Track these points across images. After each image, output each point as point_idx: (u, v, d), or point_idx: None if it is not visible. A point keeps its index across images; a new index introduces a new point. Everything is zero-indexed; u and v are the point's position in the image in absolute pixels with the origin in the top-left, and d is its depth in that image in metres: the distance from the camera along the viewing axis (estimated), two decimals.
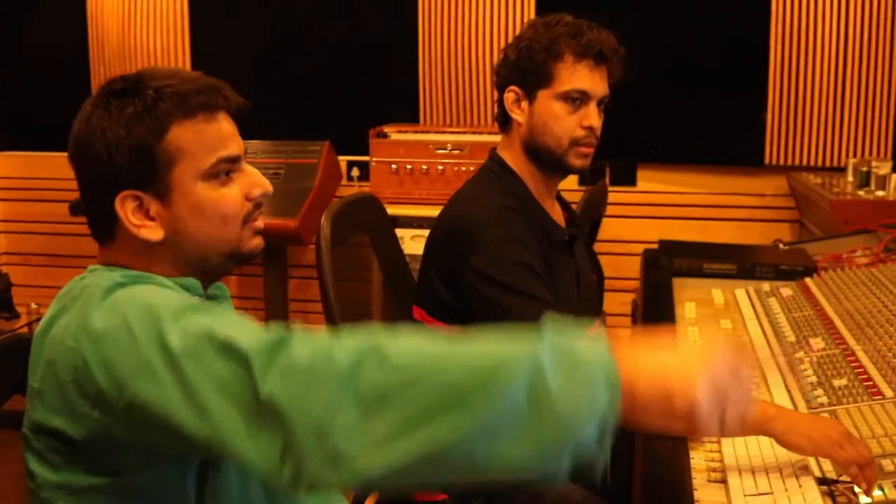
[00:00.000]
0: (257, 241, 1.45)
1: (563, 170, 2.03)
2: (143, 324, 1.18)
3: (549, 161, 2.01)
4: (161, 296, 1.26)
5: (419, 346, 1.07)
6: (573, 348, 1.05)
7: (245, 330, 1.13)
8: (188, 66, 4.82)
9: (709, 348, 1.09)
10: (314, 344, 1.08)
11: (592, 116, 2.00)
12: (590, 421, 1.02)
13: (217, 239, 1.40)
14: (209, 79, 1.41)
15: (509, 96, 2.03)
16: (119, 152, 1.34)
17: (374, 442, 1.02)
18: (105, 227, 1.40)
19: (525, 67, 1.99)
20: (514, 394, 1.01)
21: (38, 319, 4.58)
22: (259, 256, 1.48)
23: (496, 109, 2.10)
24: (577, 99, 1.98)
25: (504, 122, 2.06)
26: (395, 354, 1.05)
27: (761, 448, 1.64)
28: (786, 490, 1.50)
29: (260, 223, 1.45)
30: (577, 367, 1.03)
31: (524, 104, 2.01)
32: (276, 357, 1.07)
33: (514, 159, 2.05)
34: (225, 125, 1.40)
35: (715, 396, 1.05)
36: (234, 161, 1.40)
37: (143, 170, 1.35)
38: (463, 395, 1.01)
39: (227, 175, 1.39)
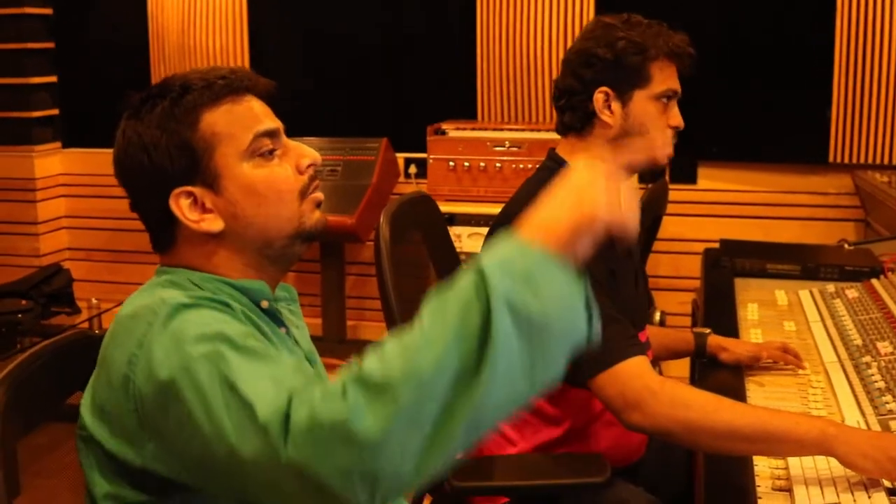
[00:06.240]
0: (319, 216, 1.42)
1: (652, 168, 2.04)
2: (204, 371, 1.17)
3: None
4: (220, 327, 1.23)
5: (394, 354, 1.05)
6: (514, 267, 1.04)
7: (268, 390, 1.12)
8: (246, 65, 4.85)
9: (573, 176, 1.12)
10: (312, 402, 1.06)
11: (679, 116, 2.01)
12: (573, 311, 1.05)
13: (277, 217, 1.38)
14: (231, 66, 1.43)
15: (599, 97, 1.97)
16: (159, 152, 1.35)
17: (414, 453, 1.02)
18: (165, 235, 1.40)
19: (626, 66, 1.95)
20: (506, 340, 1.00)
21: (100, 314, 4.66)
22: (320, 238, 1.45)
23: (568, 113, 2.02)
24: (668, 98, 1.98)
25: (583, 125, 2.00)
26: (379, 372, 1.03)
27: (828, 457, 1.59)
28: (854, 502, 1.46)
29: (319, 195, 1.42)
30: (531, 278, 1.03)
31: (615, 105, 1.97)
32: (285, 432, 1.06)
33: None
34: (255, 104, 1.40)
35: (601, 189, 1.09)
36: (272, 135, 1.39)
37: (186, 163, 1.35)
38: (461, 376, 1.01)
39: (271, 153, 1.38)
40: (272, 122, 1.40)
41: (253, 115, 1.39)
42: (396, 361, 1.03)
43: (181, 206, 1.35)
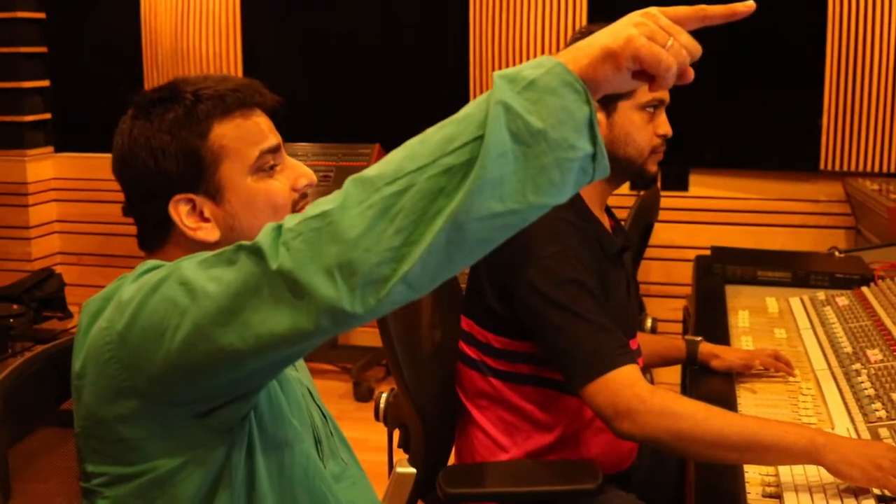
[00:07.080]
0: None
1: (642, 177, 2.04)
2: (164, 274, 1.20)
3: (629, 171, 2.01)
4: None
5: (393, 155, 1.09)
6: (520, 75, 1.07)
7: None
8: (240, 71, 4.86)
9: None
10: (304, 212, 1.11)
11: (667, 124, 2.00)
12: (573, 126, 1.05)
13: None
14: (241, 79, 1.45)
15: None
16: (166, 158, 1.36)
17: (392, 246, 1.04)
18: (157, 234, 1.41)
19: None
20: (498, 142, 1.03)
21: None
22: None
23: None
24: (654, 107, 1.98)
25: None
26: (375, 170, 1.08)
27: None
28: None
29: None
30: (534, 86, 1.05)
31: (600, 116, 1.98)
32: (277, 238, 1.10)
33: None
34: (262, 120, 1.42)
35: (645, 27, 1.10)
36: (275, 151, 1.42)
37: (192, 172, 1.37)
38: (451, 169, 1.04)
39: (272, 168, 1.41)
40: (276, 138, 1.43)
41: (260, 130, 1.41)
42: (393, 161, 1.08)
43: (180, 212, 1.38)
